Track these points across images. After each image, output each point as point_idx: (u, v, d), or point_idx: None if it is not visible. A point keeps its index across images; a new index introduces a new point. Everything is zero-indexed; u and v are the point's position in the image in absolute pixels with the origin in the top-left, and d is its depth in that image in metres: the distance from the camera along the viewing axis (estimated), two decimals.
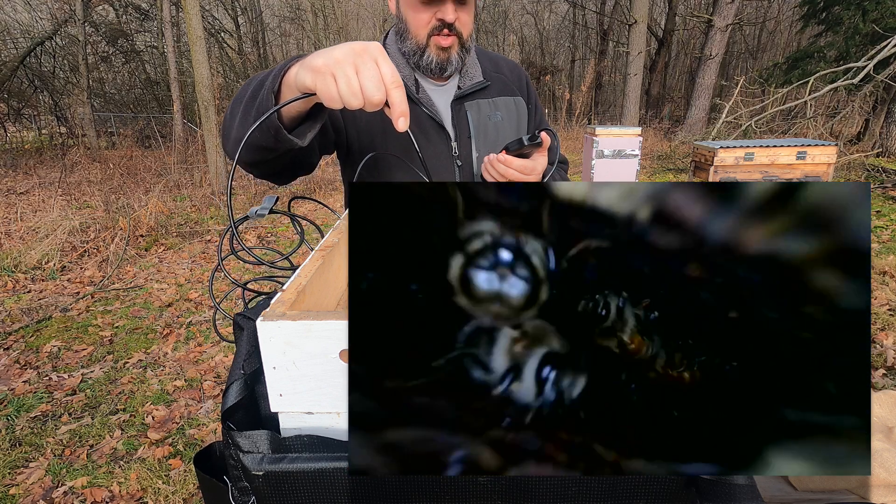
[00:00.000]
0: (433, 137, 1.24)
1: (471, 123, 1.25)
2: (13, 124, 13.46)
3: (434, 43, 1.14)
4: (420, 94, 1.22)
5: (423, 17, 1.12)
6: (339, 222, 0.89)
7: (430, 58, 1.16)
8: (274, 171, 1.06)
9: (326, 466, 0.55)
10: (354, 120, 1.20)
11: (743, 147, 5.17)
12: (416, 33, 1.15)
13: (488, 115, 1.27)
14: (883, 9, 8.22)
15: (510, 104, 1.31)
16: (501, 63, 1.35)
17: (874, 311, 3.24)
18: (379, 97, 0.70)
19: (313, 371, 0.55)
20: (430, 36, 1.14)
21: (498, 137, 1.28)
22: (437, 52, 1.15)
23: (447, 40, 1.14)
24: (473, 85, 1.25)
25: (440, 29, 1.13)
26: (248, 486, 0.56)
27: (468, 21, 1.15)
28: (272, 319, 0.53)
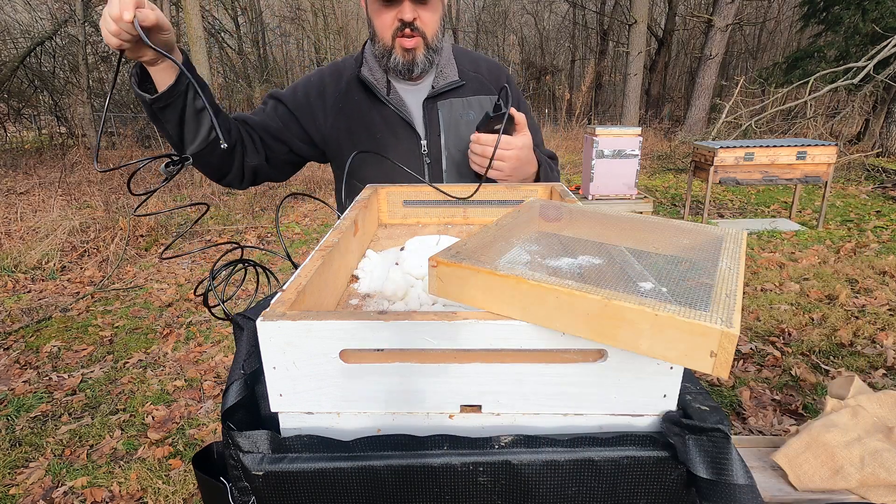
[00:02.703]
0: (402, 135, 1.28)
1: (441, 122, 1.28)
2: (13, 124, 13.45)
3: (399, 44, 1.18)
4: (391, 95, 1.27)
5: (385, 20, 1.16)
6: (339, 222, 0.89)
7: (396, 59, 1.20)
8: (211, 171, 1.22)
9: (326, 466, 0.55)
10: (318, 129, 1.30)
11: (743, 147, 5.16)
12: (382, 35, 1.19)
13: (461, 114, 1.30)
14: (883, 9, 8.21)
15: (485, 103, 1.33)
16: (481, 63, 1.37)
17: (874, 311, 3.24)
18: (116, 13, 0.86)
19: (313, 371, 0.55)
20: (395, 37, 1.18)
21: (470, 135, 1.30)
22: (402, 52, 1.19)
23: (410, 41, 1.17)
24: (447, 84, 1.28)
25: (402, 29, 1.16)
26: (248, 487, 0.56)
27: (430, 20, 1.18)
28: (272, 319, 0.53)
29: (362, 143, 1.29)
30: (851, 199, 6.41)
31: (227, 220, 6.36)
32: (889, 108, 8.89)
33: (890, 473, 1.00)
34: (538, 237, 0.74)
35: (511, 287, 0.53)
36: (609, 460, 0.54)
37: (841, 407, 1.19)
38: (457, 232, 1.12)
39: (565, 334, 0.53)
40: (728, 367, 0.45)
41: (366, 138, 1.29)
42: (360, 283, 0.84)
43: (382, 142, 1.29)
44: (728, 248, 0.63)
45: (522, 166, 1.20)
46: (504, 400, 0.57)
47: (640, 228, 0.73)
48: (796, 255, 4.47)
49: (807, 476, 1.06)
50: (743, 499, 0.50)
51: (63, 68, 14.01)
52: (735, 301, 0.49)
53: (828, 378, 2.62)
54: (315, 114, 1.29)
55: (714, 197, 6.92)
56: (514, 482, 0.55)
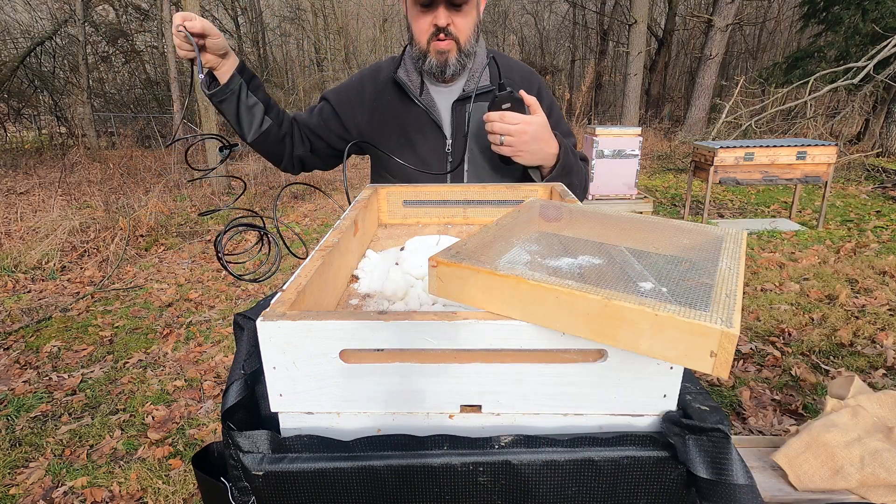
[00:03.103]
0: (429, 134, 1.36)
1: (470, 124, 1.34)
2: (13, 124, 13.45)
3: (433, 48, 1.26)
4: (423, 96, 1.35)
5: (422, 24, 1.25)
6: (340, 222, 0.89)
7: (430, 61, 1.28)
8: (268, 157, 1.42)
9: (326, 466, 0.55)
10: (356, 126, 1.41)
11: (743, 147, 5.16)
12: (419, 39, 1.27)
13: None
14: (883, 9, 8.21)
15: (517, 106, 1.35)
16: (515, 70, 1.42)
17: (874, 311, 3.24)
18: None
19: (313, 371, 0.55)
20: (430, 41, 1.26)
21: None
22: (436, 55, 1.27)
23: (444, 44, 1.25)
24: (477, 88, 1.34)
25: (437, 34, 1.24)
26: (248, 487, 0.56)
27: (464, 25, 1.25)
28: (272, 319, 0.53)
29: (393, 139, 1.38)
30: (851, 199, 6.41)
31: (227, 220, 6.36)
32: (889, 108, 8.89)
33: (890, 473, 1.00)
34: (538, 237, 0.74)
35: (511, 287, 0.53)
36: (609, 460, 0.54)
37: (841, 407, 1.19)
38: (457, 232, 1.12)
39: (565, 334, 0.53)
40: (728, 367, 0.45)
41: (396, 135, 1.38)
42: (360, 283, 0.84)
43: (411, 139, 1.37)
44: (728, 248, 0.63)
45: (534, 142, 1.22)
46: (504, 400, 0.57)
47: (640, 228, 0.73)
48: (796, 255, 4.47)
49: (807, 476, 1.06)
50: (743, 499, 0.50)
51: (63, 68, 14.01)
52: (735, 301, 0.49)
53: (828, 378, 2.62)
54: (354, 111, 1.41)
55: (714, 197, 6.92)
56: (514, 482, 0.55)
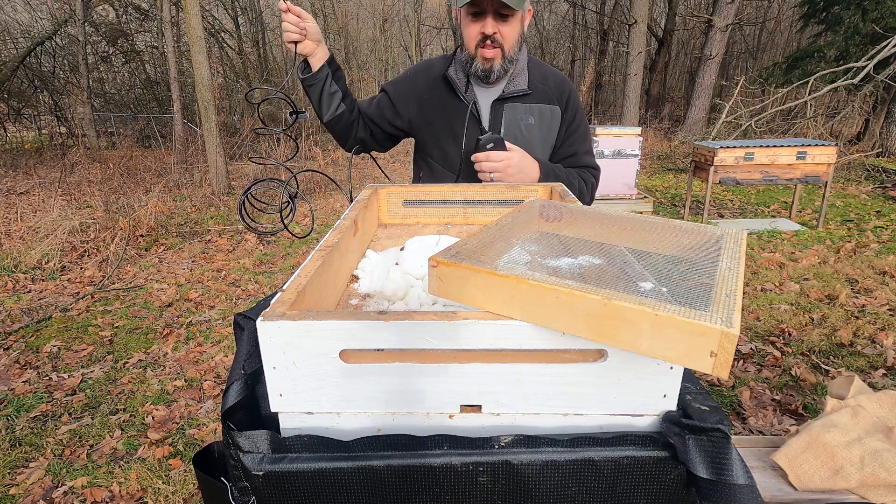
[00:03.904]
0: (470, 127, 1.50)
1: (504, 121, 1.49)
2: (13, 124, 13.45)
3: (480, 54, 1.39)
4: (467, 93, 1.49)
5: (472, 31, 1.37)
6: (340, 222, 0.89)
7: (476, 66, 1.42)
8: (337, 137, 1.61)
9: (326, 466, 0.55)
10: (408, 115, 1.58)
11: (743, 147, 5.16)
12: (468, 45, 1.40)
13: (521, 117, 1.50)
14: (883, 9, 8.21)
15: (545, 111, 1.53)
16: (550, 76, 1.56)
17: (874, 311, 3.24)
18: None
19: (313, 371, 0.55)
20: (478, 47, 1.39)
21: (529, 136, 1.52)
22: (483, 61, 1.40)
23: (490, 52, 1.38)
24: (515, 91, 1.48)
25: (484, 41, 1.36)
26: (248, 486, 0.56)
27: (510, 34, 1.38)
28: (272, 319, 0.53)
29: (438, 129, 1.54)
30: (851, 199, 6.41)
31: (227, 220, 6.37)
32: (889, 108, 8.89)
33: (890, 473, 1.00)
34: (538, 237, 0.74)
35: (511, 287, 0.53)
36: (609, 460, 0.54)
37: (841, 407, 1.19)
38: (457, 232, 1.12)
39: (565, 334, 0.53)
40: (728, 367, 0.45)
41: (440, 126, 1.54)
42: (360, 283, 0.84)
43: (455, 130, 1.52)
44: (728, 248, 0.63)
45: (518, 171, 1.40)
46: (504, 400, 0.57)
47: (640, 228, 0.73)
48: (796, 255, 4.47)
49: (807, 476, 1.06)
50: (743, 499, 0.50)
51: (63, 68, 14.00)
52: (735, 301, 0.49)
53: (828, 378, 2.62)
54: (408, 103, 1.56)
55: (714, 197, 6.92)
56: (514, 482, 0.55)
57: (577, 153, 1.58)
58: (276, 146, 10.52)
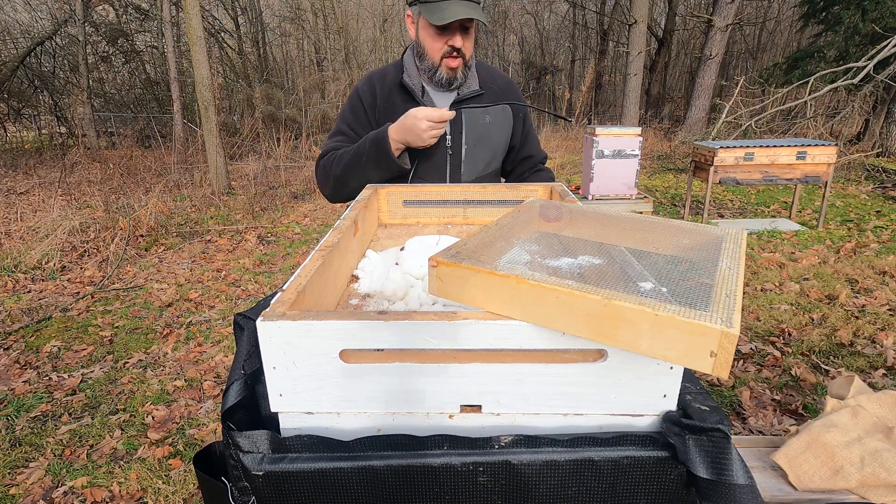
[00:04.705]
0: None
1: (464, 123, 1.55)
2: (13, 124, 13.45)
3: (445, 64, 1.47)
4: (425, 99, 1.55)
5: (437, 44, 1.45)
6: (340, 222, 0.89)
7: (441, 75, 1.49)
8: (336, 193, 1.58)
9: (326, 466, 0.55)
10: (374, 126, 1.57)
11: (743, 147, 5.16)
12: (432, 56, 1.48)
13: (479, 117, 1.57)
14: (883, 9, 8.21)
15: (498, 110, 1.62)
16: (497, 76, 1.67)
17: (874, 311, 3.24)
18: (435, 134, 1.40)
19: (313, 371, 0.55)
20: (443, 58, 1.46)
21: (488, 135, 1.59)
22: (447, 70, 1.48)
23: (455, 62, 1.47)
24: (470, 93, 1.57)
25: (450, 53, 1.45)
26: (248, 486, 0.56)
27: (470, 46, 1.49)
28: (272, 319, 0.53)
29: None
30: (851, 199, 6.41)
31: (227, 220, 6.36)
32: (889, 108, 8.88)
33: (890, 473, 1.00)
34: (538, 237, 0.74)
35: (511, 287, 0.53)
36: (609, 460, 0.54)
37: (841, 407, 1.19)
38: (457, 232, 1.12)
39: (565, 334, 0.53)
40: (728, 367, 0.45)
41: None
42: (360, 283, 0.84)
43: None
44: (728, 248, 0.63)
45: None
46: (504, 400, 0.57)
47: (640, 228, 0.73)
48: (796, 255, 4.46)
49: (807, 476, 1.06)
50: (743, 499, 0.50)
51: (63, 68, 14.00)
52: (735, 301, 0.49)
53: (828, 378, 2.62)
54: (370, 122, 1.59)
55: (714, 197, 6.92)
56: (514, 482, 0.55)
57: (534, 155, 1.71)
58: (276, 146, 10.52)
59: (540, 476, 0.55)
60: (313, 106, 13.76)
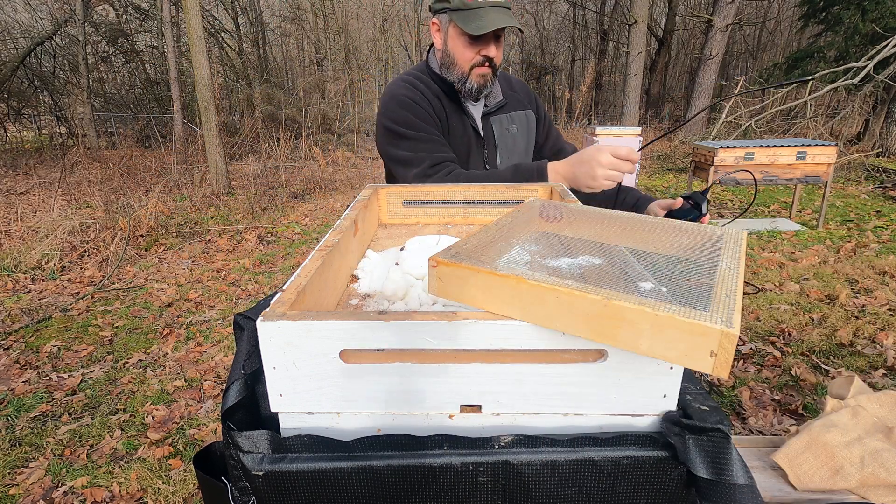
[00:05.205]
0: (473, 145, 1.51)
1: (495, 135, 1.52)
2: (13, 124, 13.45)
3: (476, 73, 1.40)
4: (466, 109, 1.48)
5: (468, 54, 1.38)
6: (340, 222, 0.89)
7: (471, 84, 1.41)
8: None
9: (326, 466, 0.55)
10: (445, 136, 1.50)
11: (743, 147, 5.16)
12: (462, 66, 1.40)
13: (507, 128, 1.53)
14: (883, 9, 8.21)
15: (522, 117, 1.57)
16: (514, 82, 1.62)
17: (874, 311, 3.24)
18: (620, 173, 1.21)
19: (313, 371, 0.55)
20: (473, 68, 1.39)
21: (515, 146, 1.54)
22: (478, 79, 1.41)
23: (486, 71, 1.40)
24: (497, 103, 1.52)
25: (482, 63, 1.38)
26: (248, 486, 0.56)
27: (499, 55, 1.42)
28: (272, 319, 0.53)
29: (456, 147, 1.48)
30: (851, 199, 6.41)
31: (227, 220, 6.36)
32: (889, 108, 8.88)
33: (890, 473, 0.99)
34: (538, 237, 0.74)
35: (511, 287, 0.53)
36: (609, 460, 0.54)
37: (841, 407, 1.19)
38: (457, 232, 1.12)
39: (565, 334, 0.53)
40: (728, 367, 0.45)
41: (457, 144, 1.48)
42: (360, 283, 0.84)
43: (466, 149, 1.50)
44: (728, 248, 0.63)
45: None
46: (504, 400, 0.57)
47: (640, 228, 0.73)
48: (796, 255, 4.46)
49: (807, 476, 1.06)
50: (743, 499, 0.50)
51: (63, 68, 14.00)
52: (735, 301, 0.49)
53: (828, 378, 2.62)
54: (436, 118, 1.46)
55: (714, 197, 6.92)
56: (514, 482, 0.55)
57: (564, 148, 1.65)
58: (276, 146, 10.52)
59: (540, 476, 0.55)
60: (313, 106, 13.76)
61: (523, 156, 1.57)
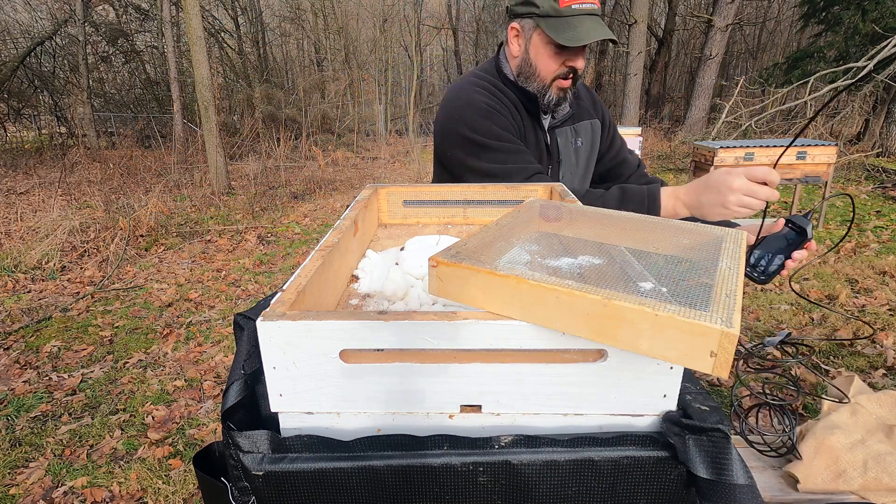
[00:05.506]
0: (543, 159, 1.42)
1: (559, 149, 1.42)
2: (13, 124, 13.45)
3: (556, 85, 1.31)
4: (540, 121, 1.39)
5: (553, 65, 1.27)
6: (340, 222, 0.89)
7: (550, 97, 1.32)
8: None
9: (326, 466, 0.55)
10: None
11: (743, 147, 5.16)
12: (544, 76, 1.30)
13: (572, 142, 1.44)
14: (883, 9, 8.21)
15: (588, 128, 1.47)
16: (580, 88, 1.50)
17: (874, 311, 3.24)
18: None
19: (313, 371, 0.55)
20: (555, 79, 1.30)
21: (578, 161, 1.45)
22: (558, 92, 1.32)
23: (567, 83, 1.31)
24: (564, 116, 1.41)
25: (566, 75, 1.29)
26: (248, 487, 0.56)
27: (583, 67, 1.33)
28: (272, 319, 0.53)
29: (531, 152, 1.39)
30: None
31: (227, 220, 6.36)
32: (889, 108, 8.88)
33: (893, 479, 0.99)
34: (538, 237, 0.74)
35: (511, 287, 0.53)
36: (609, 460, 0.54)
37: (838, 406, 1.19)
38: (457, 232, 1.12)
39: (565, 334, 0.53)
40: (728, 367, 0.45)
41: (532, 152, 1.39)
42: (360, 283, 0.84)
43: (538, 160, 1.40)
44: (728, 248, 0.63)
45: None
46: (504, 400, 0.57)
47: (640, 228, 0.73)
48: None
49: (810, 478, 1.06)
50: (743, 499, 0.50)
51: (63, 68, 14.00)
52: (735, 301, 0.49)
53: (828, 378, 2.62)
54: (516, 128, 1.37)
55: None
56: (514, 482, 0.55)
57: (626, 159, 1.53)
58: (276, 146, 10.52)
59: (540, 476, 0.55)
60: (313, 106, 13.76)
61: (584, 171, 1.46)
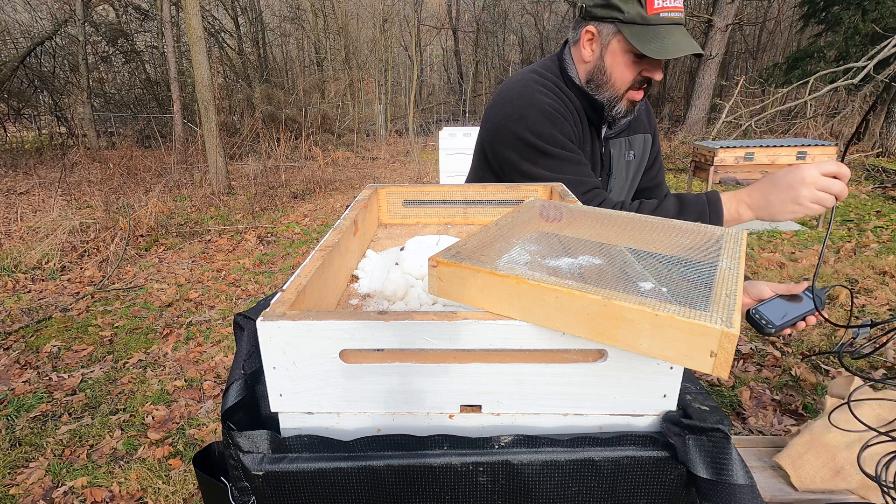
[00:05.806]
0: (596, 169, 1.35)
1: (613, 162, 1.36)
2: (13, 124, 13.45)
3: (628, 97, 1.22)
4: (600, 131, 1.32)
5: (630, 75, 1.19)
6: (340, 222, 0.89)
7: (619, 108, 1.24)
8: None
9: (326, 466, 0.55)
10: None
11: (743, 147, 5.16)
12: (617, 87, 1.21)
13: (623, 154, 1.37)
14: (883, 9, 8.21)
15: (641, 141, 1.40)
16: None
17: (874, 311, 3.24)
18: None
19: (313, 371, 0.55)
20: (628, 90, 1.21)
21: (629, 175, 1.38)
22: (628, 104, 1.24)
23: (639, 95, 1.23)
24: (620, 126, 1.33)
25: (640, 85, 1.21)
26: (248, 487, 0.56)
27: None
28: (272, 319, 0.53)
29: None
30: (851, 199, 6.41)
31: (227, 220, 6.36)
32: (889, 108, 8.88)
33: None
34: (538, 237, 0.74)
35: (511, 287, 0.53)
36: (609, 460, 0.54)
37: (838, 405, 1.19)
38: (457, 232, 1.12)
39: (565, 334, 0.53)
40: (728, 367, 0.45)
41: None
42: (360, 283, 0.84)
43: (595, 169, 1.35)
44: (728, 248, 0.63)
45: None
46: (504, 400, 0.57)
47: (640, 228, 0.73)
48: (796, 255, 4.46)
49: (808, 477, 1.06)
50: (743, 499, 0.50)
51: (63, 68, 14.00)
52: (735, 301, 0.49)
53: (828, 378, 2.62)
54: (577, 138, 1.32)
55: None
56: (514, 482, 0.55)
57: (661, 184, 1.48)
58: (276, 146, 10.52)
59: (540, 476, 0.55)
60: (313, 106, 13.76)
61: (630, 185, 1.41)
